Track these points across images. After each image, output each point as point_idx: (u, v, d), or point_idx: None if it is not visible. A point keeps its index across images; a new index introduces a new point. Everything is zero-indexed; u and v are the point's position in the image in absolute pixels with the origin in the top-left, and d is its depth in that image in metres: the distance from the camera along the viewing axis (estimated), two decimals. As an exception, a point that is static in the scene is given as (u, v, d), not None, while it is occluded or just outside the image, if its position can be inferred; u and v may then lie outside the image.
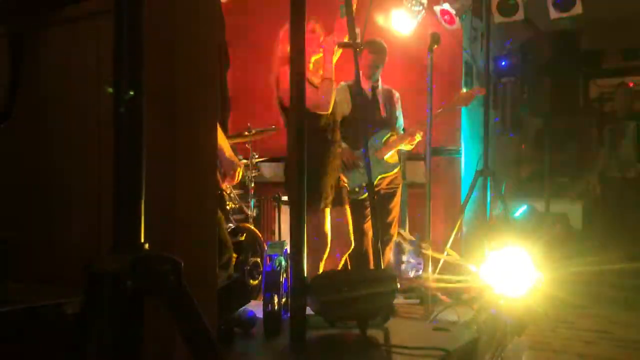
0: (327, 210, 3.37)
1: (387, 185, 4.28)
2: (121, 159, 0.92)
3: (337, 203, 3.46)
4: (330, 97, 3.27)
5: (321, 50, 3.29)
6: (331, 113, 3.36)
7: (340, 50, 3.40)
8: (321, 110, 3.28)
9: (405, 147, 4.28)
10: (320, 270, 3.36)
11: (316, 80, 3.32)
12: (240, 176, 2.47)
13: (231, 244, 2.34)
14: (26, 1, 1.52)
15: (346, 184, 3.65)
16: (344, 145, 3.74)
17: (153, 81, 0.98)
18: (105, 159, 1.40)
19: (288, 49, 3.25)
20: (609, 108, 6.07)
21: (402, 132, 4.38)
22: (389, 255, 4.34)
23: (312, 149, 3.17)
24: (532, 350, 3.41)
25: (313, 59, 3.36)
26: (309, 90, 3.21)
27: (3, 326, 1.24)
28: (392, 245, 4.34)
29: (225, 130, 2.43)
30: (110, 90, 0.90)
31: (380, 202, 4.19)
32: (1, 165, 1.75)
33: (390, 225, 4.30)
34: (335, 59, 3.32)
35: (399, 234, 4.41)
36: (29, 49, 1.59)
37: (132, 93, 0.90)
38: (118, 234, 0.91)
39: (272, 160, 5.21)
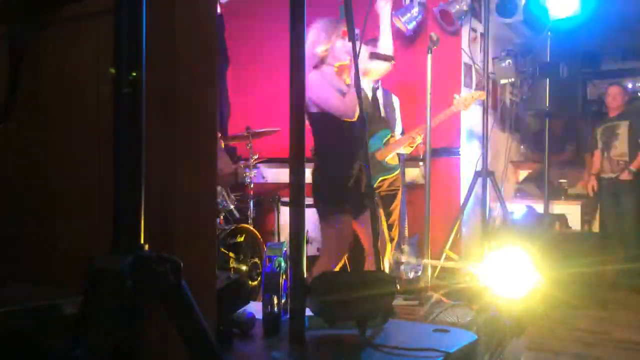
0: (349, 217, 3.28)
1: (388, 187, 4.27)
2: (122, 156, 0.92)
3: (371, 204, 3.33)
4: (357, 105, 3.21)
5: (348, 58, 3.20)
6: (360, 118, 3.23)
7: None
8: (347, 117, 3.20)
9: (405, 149, 4.28)
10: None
11: (341, 86, 3.25)
12: (237, 176, 2.47)
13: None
14: (26, 1, 1.52)
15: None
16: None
17: (153, 81, 0.98)
18: (104, 159, 1.40)
19: (316, 49, 3.22)
20: (606, 109, 6.08)
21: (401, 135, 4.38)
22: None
23: (345, 153, 3.12)
24: (531, 351, 3.41)
25: (337, 64, 3.28)
26: (335, 96, 3.18)
27: (2, 326, 1.24)
28: (392, 246, 4.34)
29: (225, 130, 2.43)
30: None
31: (381, 204, 4.19)
32: (0, 165, 1.75)
33: (390, 227, 4.29)
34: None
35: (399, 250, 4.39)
36: (29, 48, 1.59)
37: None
38: (118, 234, 0.91)
39: (271, 161, 5.21)
